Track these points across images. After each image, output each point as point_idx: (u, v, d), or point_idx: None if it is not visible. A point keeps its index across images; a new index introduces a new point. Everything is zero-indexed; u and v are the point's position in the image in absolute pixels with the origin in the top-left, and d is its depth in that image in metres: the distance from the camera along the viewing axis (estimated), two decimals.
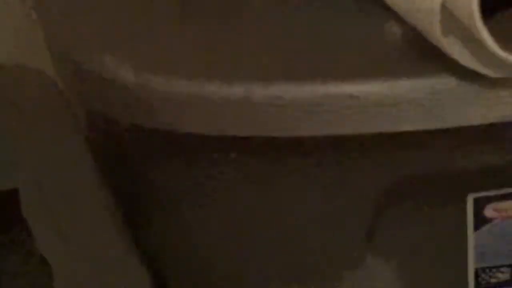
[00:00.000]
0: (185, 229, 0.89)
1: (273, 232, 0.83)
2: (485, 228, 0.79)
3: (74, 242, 0.91)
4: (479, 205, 0.78)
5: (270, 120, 0.73)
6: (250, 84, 0.73)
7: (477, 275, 0.81)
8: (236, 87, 0.73)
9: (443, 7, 0.66)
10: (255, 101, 0.73)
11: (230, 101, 0.73)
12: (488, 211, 0.78)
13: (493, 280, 0.81)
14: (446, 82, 0.69)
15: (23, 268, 1.07)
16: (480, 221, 0.79)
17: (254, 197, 0.82)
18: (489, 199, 0.77)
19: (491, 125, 0.70)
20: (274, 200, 0.81)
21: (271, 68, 0.73)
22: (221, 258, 0.87)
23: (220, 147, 0.77)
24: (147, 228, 0.93)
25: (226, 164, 0.80)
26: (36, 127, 1.00)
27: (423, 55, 0.70)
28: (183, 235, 0.90)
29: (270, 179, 0.79)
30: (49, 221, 0.92)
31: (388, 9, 0.73)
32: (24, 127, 1.00)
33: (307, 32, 0.76)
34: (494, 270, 0.81)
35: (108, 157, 0.96)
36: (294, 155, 0.77)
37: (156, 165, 0.87)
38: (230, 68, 0.75)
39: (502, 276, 0.80)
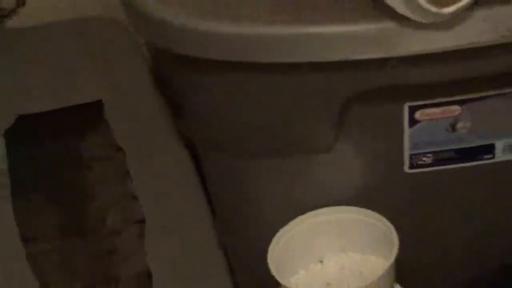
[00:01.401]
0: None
1: (265, 121, 0.88)
2: (416, 126, 0.87)
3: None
4: (412, 110, 0.86)
5: (270, 50, 0.80)
6: (251, 25, 0.80)
7: (411, 159, 0.89)
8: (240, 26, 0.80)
9: None
10: (253, 36, 0.80)
11: (235, 35, 0.80)
12: (418, 115, 0.86)
13: (420, 162, 0.89)
14: (389, 25, 0.78)
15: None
16: (413, 121, 0.87)
17: (251, 100, 0.87)
18: (418, 107, 0.86)
19: (421, 55, 0.79)
20: (266, 103, 0.87)
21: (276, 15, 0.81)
22: (228, 131, 0.92)
23: (226, 68, 0.83)
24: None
25: (230, 80, 0.86)
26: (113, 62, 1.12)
27: (376, 8, 0.79)
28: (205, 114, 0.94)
29: (263, 89, 0.85)
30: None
31: None
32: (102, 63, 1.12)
33: None
34: (421, 155, 0.89)
35: (161, 77, 1.06)
36: (281, 75, 0.83)
37: (187, 77, 0.91)
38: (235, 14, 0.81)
39: (427, 159, 0.89)
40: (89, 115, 1.09)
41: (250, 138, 0.91)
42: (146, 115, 1.08)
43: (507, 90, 0.87)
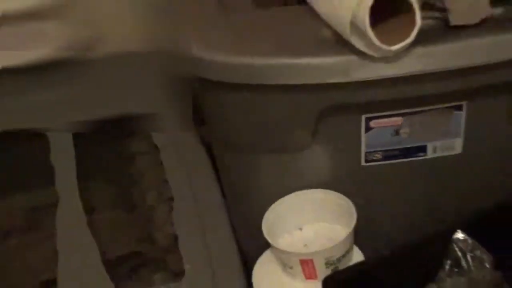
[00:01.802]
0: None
1: (263, 128, 0.87)
2: (370, 132, 0.86)
3: None
4: (367, 120, 0.85)
5: (265, 75, 0.80)
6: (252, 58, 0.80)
7: (366, 155, 0.88)
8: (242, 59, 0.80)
9: (352, 21, 0.74)
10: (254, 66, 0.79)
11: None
12: (372, 124, 0.85)
13: (373, 158, 0.88)
14: (352, 57, 0.77)
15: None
16: (368, 128, 0.86)
17: (253, 113, 0.86)
18: (372, 118, 0.85)
19: (374, 80, 0.78)
20: (264, 115, 0.85)
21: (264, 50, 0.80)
22: (236, 135, 0.90)
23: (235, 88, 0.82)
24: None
25: (238, 98, 0.84)
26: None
27: (342, 44, 0.78)
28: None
29: (261, 105, 0.85)
30: None
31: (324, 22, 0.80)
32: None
33: (279, 33, 0.83)
34: (374, 153, 0.88)
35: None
36: (274, 94, 0.82)
37: (207, 96, 0.90)
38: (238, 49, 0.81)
39: (378, 156, 0.88)
40: (135, 122, 1.09)
41: (252, 140, 0.90)
42: (178, 123, 1.07)
43: (435, 107, 0.86)
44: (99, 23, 1.12)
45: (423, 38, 0.77)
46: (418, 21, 0.74)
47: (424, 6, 0.78)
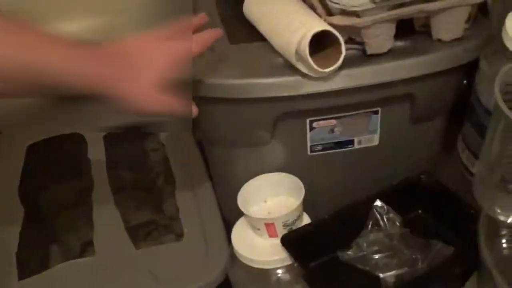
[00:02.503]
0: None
1: (237, 129, 0.86)
2: (313, 131, 0.85)
3: None
4: (311, 122, 0.84)
5: (236, 91, 0.79)
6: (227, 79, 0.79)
7: (310, 147, 0.87)
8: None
9: (297, 51, 0.74)
10: (228, 85, 0.79)
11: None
12: (314, 124, 0.85)
13: (316, 149, 0.87)
14: (297, 77, 0.77)
15: None
16: (311, 128, 0.85)
17: (230, 119, 0.84)
18: (314, 120, 0.84)
19: (314, 93, 0.78)
20: (239, 120, 0.84)
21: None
22: (219, 134, 0.88)
23: (216, 101, 0.80)
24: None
25: (219, 107, 0.82)
26: None
27: (291, 68, 0.78)
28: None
29: (236, 113, 0.83)
30: None
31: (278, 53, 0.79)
32: None
33: (246, 61, 0.81)
34: (316, 145, 0.87)
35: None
36: (242, 103, 0.80)
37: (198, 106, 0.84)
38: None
39: (319, 147, 0.87)
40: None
41: (228, 138, 0.89)
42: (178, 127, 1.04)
43: (359, 111, 0.85)
44: None
45: (348, 62, 0.77)
46: (343, 51, 0.75)
47: (348, 40, 0.78)
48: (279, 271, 0.84)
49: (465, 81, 0.88)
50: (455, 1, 0.76)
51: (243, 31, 0.86)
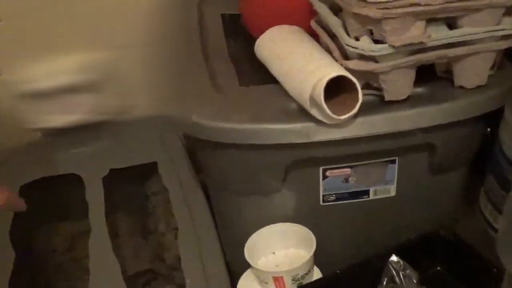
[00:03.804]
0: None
1: (245, 176, 0.87)
2: (326, 179, 0.86)
3: None
4: (324, 171, 0.86)
5: (246, 137, 0.80)
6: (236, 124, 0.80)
7: (323, 197, 0.88)
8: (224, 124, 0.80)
9: (311, 96, 0.76)
10: (238, 130, 0.80)
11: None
12: (327, 173, 0.86)
13: (328, 199, 0.88)
14: (311, 124, 0.79)
15: None
16: (324, 177, 0.86)
17: (238, 165, 0.86)
18: (327, 169, 0.86)
19: (328, 141, 0.80)
20: (247, 167, 0.85)
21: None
22: (225, 180, 0.89)
23: (224, 146, 0.82)
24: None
25: (224, 152, 0.83)
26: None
27: (304, 114, 0.79)
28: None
29: (244, 159, 0.84)
30: None
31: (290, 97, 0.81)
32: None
33: (257, 105, 0.83)
34: (329, 195, 0.88)
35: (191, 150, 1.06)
36: (252, 150, 0.82)
37: (203, 150, 0.89)
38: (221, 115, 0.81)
39: (332, 197, 0.88)
40: (150, 169, 1.10)
41: (237, 185, 0.90)
42: (181, 170, 1.07)
43: (375, 161, 0.87)
44: (125, 94, 1.14)
45: (365, 109, 0.79)
46: (360, 98, 0.77)
47: (365, 86, 0.80)
48: None
49: (489, 129, 0.90)
50: (479, 47, 0.79)
51: (254, 72, 0.88)
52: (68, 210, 1.06)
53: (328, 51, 0.83)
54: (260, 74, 0.87)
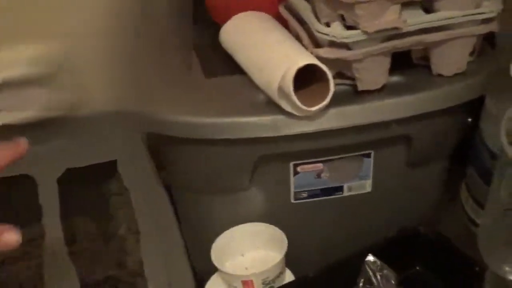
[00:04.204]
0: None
1: (211, 173, 0.87)
2: (297, 175, 0.86)
3: None
4: (295, 166, 0.85)
5: (211, 131, 0.80)
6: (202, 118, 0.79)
7: (294, 194, 0.88)
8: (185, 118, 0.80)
9: (280, 87, 0.75)
10: (204, 124, 0.79)
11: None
12: (298, 169, 0.86)
13: (300, 196, 0.88)
14: (274, 117, 0.78)
15: None
16: (295, 172, 0.86)
17: (203, 162, 0.85)
18: (298, 164, 0.85)
19: (298, 134, 0.79)
20: (212, 163, 0.85)
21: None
22: (190, 178, 0.89)
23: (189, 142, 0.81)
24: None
25: (190, 148, 0.83)
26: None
27: (274, 107, 0.78)
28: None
29: (209, 155, 0.84)
30: None
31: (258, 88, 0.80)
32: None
33: (223, 98, 0.82)
34: (300, 192, 0.88)
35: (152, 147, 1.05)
36: (218, 145, 0.81)
37: (167, 147, 0.89)
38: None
39: (304, 194, 0.88)
40: (109, 168, 1.08)
41: (203, 183, 0.89)
42: (143, 169, 1.06)
43: (349, 154, 0.86)
44: (81, 88, 1.12)
45: (337, 100, 0.78)
46: (332, 88, 0.76)
47: (338, 75, 0.80)
48: None
49: (470, 120, 0.89)
50: (458, 32, 0.78)
51: (219, 62, 0.87)
52: (20, 215, 1.02)
53: (298, 38, 0.82)
54: (226, 65, 0.86)
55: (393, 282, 0.83)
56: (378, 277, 0.83)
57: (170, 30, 0.96)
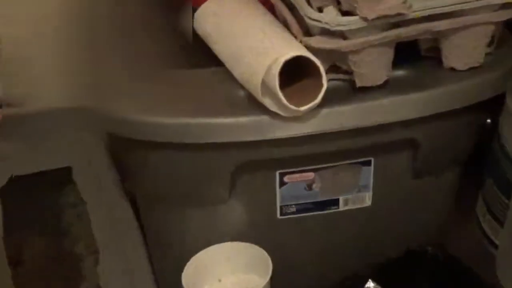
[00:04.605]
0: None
1: (182, 182, 0.87)
2: (284, 186, 0.87)
3: None
4: (281, 175, 0.86)
5: (183, 134, 0.80)
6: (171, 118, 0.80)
7: (281, 209, 0.89)
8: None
9: (263, 82, 0.75)
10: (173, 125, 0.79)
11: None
12: (285, 179, 0.86)
13: (288, 211, 0.89)
14: (257, 118, 0.78)
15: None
16: (282, 183, 0.86)
17: (172, 170, 0.85)
18: (285, 173, 0.86)
19: (285, 138, 0.79)
20: (183, 171, 0.85)
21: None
22: (157, 189, 0.90)
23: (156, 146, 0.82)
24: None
25: (157, 155, 0.84)
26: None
27: (255, 105, 0.78)
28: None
29: (179, 162, 0.84)
30: None
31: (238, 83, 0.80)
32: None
33: (197, 94, 0.83)
34: (288, 206, 0.88)
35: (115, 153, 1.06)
36: (191, 150, 0.82)
37: (130, 153, 0.89)
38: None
39: (292, 209, 0.88)
40: (63, 176, 1.08)
41: (173, 194, 0.90)
42: (102, 177, 1.07)
43: (345, 162, 0.87)
44: (30, 81, 1.13)
45: (331, 98, 0.78)
46: (324, 84, 0.76)
47: (331, 69, 0.80)
48: None
49: (489, 121, 0.91)
50: (473, 18, 0.79)
51: (194, 52, 0.88)
52: None
53: (286, 25, 0.82)
54: (201, 55, 0.87)
55: None
56: None
57: (137, 14, 0.97)
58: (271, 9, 0.86)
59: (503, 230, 0.82)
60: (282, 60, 0.74)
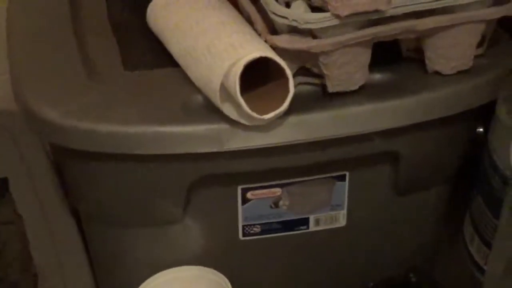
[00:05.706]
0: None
1: (129, 199, 0.86)
2: (247, 204, 0.87)
3: None
4: (244, 191, 0.86)
5: (129, 144, 0.79)
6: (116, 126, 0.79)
7: (243, 229, 0.89)
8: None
9: (222, 86, 0.74)
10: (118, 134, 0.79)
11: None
12: (248, 195, 0.87)
13: (251, 232, 0.89)
14: (224, 126, 0.78)
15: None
16: (244, 200, 0.87)
17: (118, 184, 0.85)
18: (248, 189, 0.86)
19: (247, 149, 0.79)
20: (130, 186, 0.85)
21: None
22: (103, 207, 0.90)
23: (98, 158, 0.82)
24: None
25: (103, 167, 0.84)
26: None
27: (215, 113, 0.78)
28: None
29: (126, 176, 0.84)
30: None
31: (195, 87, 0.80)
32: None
33: (146, 99, 0.82)
34: (252, 226, 0.89)
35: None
36: (139, 162, 0.82)
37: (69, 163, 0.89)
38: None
39: (256, 229, 0.89)
40: None
41: (119, 212, 0.90)
42: (43, 191, 1.06)
43: (314, 177, 0.87)
44: None
45: (299, 105, 0.79)
46: (291, 89, 0.76)
47: (300, 72, 0.80)
48: None
49: (481, 130, 0.91)
50: (461, 16, 0.79)
51: (145, 51, 0.88)
52: None
53: (250, 21, 0.82)
54: (153, 54, 0.87)
55: None
56: None
57: (77, 5, 0.97)
58: (234, 3, 0.86)
59: (491, 254, 0.82)
60: (243, 62, 0.74)
